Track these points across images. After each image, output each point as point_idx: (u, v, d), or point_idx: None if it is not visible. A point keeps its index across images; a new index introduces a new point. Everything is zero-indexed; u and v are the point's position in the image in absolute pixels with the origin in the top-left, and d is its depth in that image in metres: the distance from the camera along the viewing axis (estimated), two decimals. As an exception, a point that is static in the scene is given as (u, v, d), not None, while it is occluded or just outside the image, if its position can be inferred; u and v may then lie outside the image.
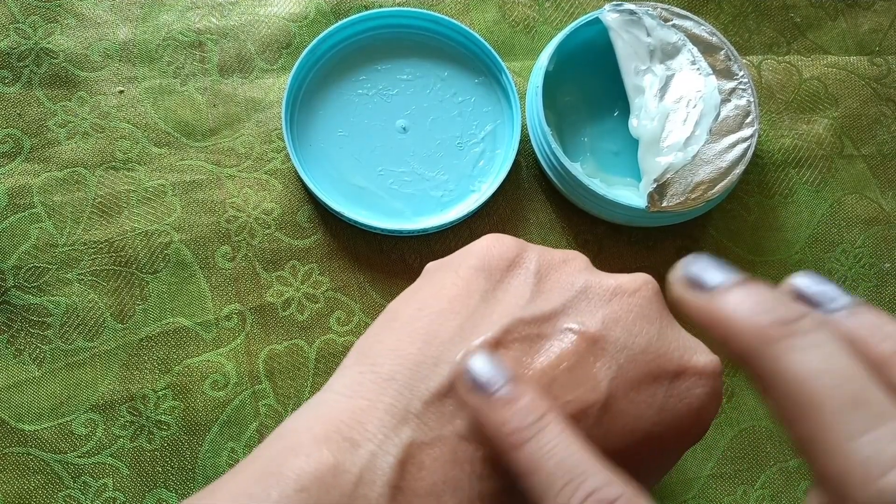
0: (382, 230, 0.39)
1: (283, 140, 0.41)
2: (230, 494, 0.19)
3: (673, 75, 0.40)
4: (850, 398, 0.12)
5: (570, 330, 0.21)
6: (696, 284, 0.16)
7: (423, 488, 0.18)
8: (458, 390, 0.19)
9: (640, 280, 0.23)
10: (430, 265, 0.26)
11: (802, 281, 0.15)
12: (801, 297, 0.15)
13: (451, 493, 0.19)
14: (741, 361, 0.15)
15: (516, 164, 0.41)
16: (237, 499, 0.18)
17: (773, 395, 0.14)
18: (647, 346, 0.21)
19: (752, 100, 0.40)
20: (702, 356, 0.22)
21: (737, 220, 0.43)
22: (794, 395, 0.13)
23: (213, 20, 0.43)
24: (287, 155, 0.41)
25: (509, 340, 0.21)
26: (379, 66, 0.42)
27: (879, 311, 0.14)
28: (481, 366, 0.19)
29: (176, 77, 0.41)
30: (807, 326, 0.13)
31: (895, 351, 0.14)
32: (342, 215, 0.39)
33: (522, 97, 0.43)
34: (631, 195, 0.40)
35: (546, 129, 0.39)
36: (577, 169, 0.39)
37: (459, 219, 0.39)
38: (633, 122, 0.40)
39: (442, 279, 0.23)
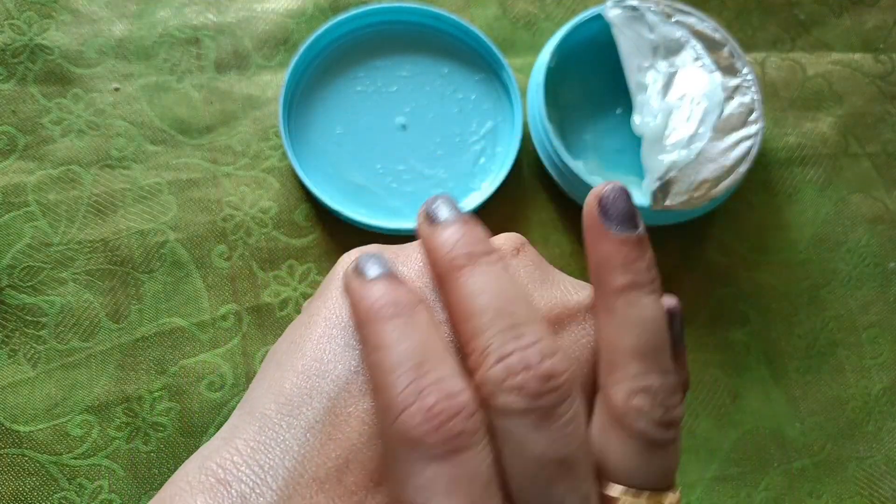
0: (381, 229, 0.38)
1: (280, 137, 0.40)
2: None
3: (676, 72, 0.40)
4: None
5: None
6: (430, 219, 0.20)
7: None
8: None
9: (513, 240, 0.22)
10: (306, 302, 0.24)
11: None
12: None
13: None
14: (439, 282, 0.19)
15: (517, 162, 0.41)
16: None
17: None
18: (551, 298, 0.21)
19: (756, 97, 0.40)
20: (583, 292, 0.22)
21: (741, 218, 0.42)
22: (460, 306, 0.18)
23: (210, 16, 0.42)
24: (284, 152, 0.40)
25: None
26: (378, 62, 0.42)
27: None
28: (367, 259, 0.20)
29: (172, 74, 0.41)
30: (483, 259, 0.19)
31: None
32: (340, 214, 0.38)
33: (524, 94, 0.42)
34: (634, 193, 0.39)
35: (548, 126, 0.38)
36: (579, 167, 0.38)
37: (459, 217, 0.39)
38: (635, 119, 0.39)
39: (311, 308, 0.22)
